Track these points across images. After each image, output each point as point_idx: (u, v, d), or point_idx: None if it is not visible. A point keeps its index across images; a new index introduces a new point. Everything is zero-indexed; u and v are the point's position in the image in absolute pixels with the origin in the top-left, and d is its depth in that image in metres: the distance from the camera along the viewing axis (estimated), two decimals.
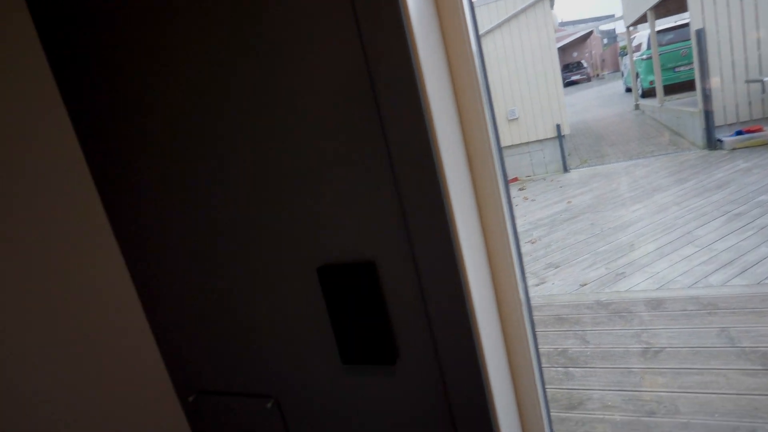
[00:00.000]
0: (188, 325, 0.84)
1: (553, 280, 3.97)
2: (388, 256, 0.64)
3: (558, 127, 7.64)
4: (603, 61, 37.58)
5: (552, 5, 7.79)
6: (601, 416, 2.29)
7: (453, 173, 0.62)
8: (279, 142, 0.65)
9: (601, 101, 16.54)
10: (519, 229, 5.32)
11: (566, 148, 7.88)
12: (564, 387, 2.57)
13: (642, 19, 10.49)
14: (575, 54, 35.10)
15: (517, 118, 7.82)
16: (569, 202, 6.13)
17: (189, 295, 0.81)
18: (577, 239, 4.76)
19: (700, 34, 6.64)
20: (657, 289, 3.42)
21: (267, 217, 0.70)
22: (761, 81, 6.48)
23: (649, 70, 11.32)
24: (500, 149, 0.77)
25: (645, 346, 2.75)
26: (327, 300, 0.68)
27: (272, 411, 0.82)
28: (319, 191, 0.65)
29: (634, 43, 12.88)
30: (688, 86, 10.11)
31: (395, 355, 0.68)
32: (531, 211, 6.09)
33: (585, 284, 3.75)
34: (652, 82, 11.29)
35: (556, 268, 4.21)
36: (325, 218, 0.66)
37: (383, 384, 0.71)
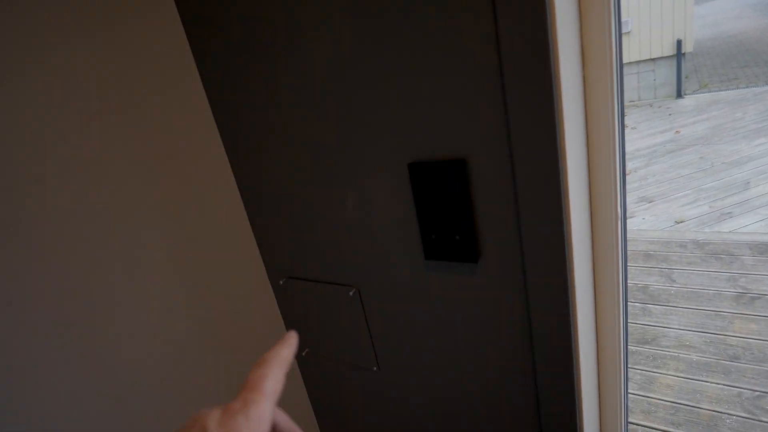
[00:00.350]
0: (281, 215, 0.90)
1: (644, 215, 3.68)
2: (481, 154, 0.62)
3: (679, 43, 6.50)
4: None
5: None
6: (676, 354, 2.21)
7: (567, 80, 0.56)
8: (377, 30, 0.62)
9: (740, 11, 13.67)
10: None
11: (684, 69, 6.77)
12: (638, 322, 2.49)
13: None
14: None
15: (629, 32, 6.76)
16: (677, 132, 5.42)
17: (282, 187, 0.86)
18: (680, 173, 4.28)
19: None
20: None
21: (361, 111, 0.69)
22: None
23: None
24: (621, 62, 0.68)
25: (741, 290, 2.53)
26: (415, 196, 0.69)
27: (354, 299, 0.89)
28: (416, 87, 0.63)
29: None
30: None
31: (478, 254, 0.69)
32: (629, 140, 5.50)
33: (681, 221, 3.44)
34: None
35: (649, 202, 3.87)
36: (420, 113, 0.64)
37: (463, 281, 0.73)
